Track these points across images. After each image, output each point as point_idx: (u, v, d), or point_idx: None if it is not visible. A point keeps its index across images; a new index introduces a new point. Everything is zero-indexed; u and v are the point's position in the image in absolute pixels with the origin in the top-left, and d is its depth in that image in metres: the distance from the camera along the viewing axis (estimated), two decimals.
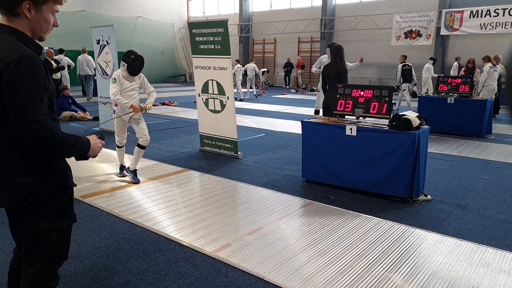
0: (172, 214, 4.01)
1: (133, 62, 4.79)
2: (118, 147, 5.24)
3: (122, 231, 3.61)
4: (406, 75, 10.87)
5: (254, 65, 17.08)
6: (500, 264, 3.04)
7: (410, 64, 11.02)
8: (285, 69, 21.97)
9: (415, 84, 11.37)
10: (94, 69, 12.47)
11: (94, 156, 1.91)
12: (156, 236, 3.52)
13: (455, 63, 13.88)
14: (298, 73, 21.20)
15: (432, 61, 12.40)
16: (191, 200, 4.42)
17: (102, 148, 1.96)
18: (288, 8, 22.82)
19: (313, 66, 8.69)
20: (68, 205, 1.90)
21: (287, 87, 21.94)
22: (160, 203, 4.31)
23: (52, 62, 11.44)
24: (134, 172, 5.09)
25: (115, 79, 4.82)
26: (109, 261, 3.08)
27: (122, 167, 5.31)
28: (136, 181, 5.01)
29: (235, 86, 14.21)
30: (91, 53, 10.97)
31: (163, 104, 13.24)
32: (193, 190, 4.81)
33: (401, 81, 10.94)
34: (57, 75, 11.45)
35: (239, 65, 15.98)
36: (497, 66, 9.90)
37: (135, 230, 3.64)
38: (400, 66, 11.17)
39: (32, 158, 1.73)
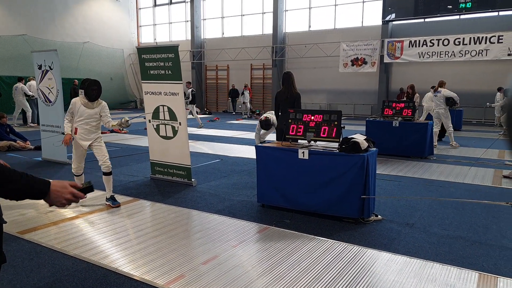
0: (121, 246, 3.80)
1: (88, 87, 4.85)
2: (76, 175, 5.12)
3: (66, 268, 3.35)
4: (193, 99, 14.10)
5: None
6: (446, 279, 3.16)
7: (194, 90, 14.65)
8: (229, 96, 22.22)
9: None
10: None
11: (60, 206, 1.57)
12: (103, 270, 3.29)
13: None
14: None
15: (433, 90, 12.73)
16: (142, 231, 4.22)
17: (78, 199, 1.59)
18: (240, 35, 23.35)
19: None
20: None
21: (234, 113, 22.07)
22: (108, 236, 4.07)
23: None
24: (111, 198, 5.07)
25: (70, 107, 4.94)
26: None
27: None
28: (116, 205, 5.01)
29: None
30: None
31: (112, 131, 12.79)
32: (144, 220, 4.61)
33: (188, 103, 13.66)
34: None
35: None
36: (441, 89, 10.58)
37: (80, 265, 3.39)
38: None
39: None
